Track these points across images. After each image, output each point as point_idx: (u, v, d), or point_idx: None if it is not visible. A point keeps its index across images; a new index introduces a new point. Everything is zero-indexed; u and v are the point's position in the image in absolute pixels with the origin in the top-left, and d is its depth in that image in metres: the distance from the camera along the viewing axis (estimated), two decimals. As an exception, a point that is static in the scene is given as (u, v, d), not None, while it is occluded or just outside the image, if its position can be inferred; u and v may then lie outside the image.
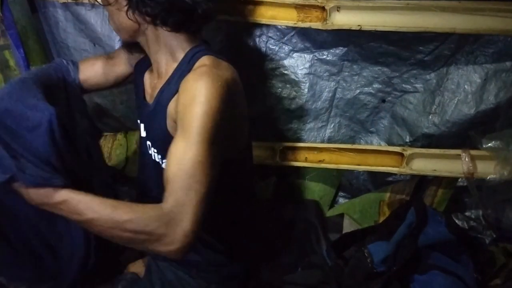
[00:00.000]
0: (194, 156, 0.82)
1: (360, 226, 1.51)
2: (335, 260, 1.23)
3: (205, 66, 0.89)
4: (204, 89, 0.83)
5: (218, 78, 0.86)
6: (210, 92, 0.83)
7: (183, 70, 0.93)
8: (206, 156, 0.83)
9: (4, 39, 1.38)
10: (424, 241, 1.15)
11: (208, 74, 0.86)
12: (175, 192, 0.80)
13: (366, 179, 1.58)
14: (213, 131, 0.84)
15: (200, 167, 0.82)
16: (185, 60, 0.94)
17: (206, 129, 0.83)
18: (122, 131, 1.57)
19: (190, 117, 0.83)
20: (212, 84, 0.84)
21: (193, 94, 0.84)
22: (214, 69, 0.88)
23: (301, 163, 1.47)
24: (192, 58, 0.93)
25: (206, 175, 0.82)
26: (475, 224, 1.58)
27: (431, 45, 1.28)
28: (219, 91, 0.84)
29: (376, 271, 1.11)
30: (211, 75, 0.85)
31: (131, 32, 0.96)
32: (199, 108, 0.83)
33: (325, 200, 1.59)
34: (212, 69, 0.88)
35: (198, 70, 0.89)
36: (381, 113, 1.46)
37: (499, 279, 1.33)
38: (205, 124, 0.83)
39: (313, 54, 1.36)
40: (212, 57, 0.92)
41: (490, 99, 1.32)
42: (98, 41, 1.38)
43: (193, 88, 0.84)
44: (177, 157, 0.83)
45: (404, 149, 1.38)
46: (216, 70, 0.88)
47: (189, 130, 0.83)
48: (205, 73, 0.86)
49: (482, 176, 1.35)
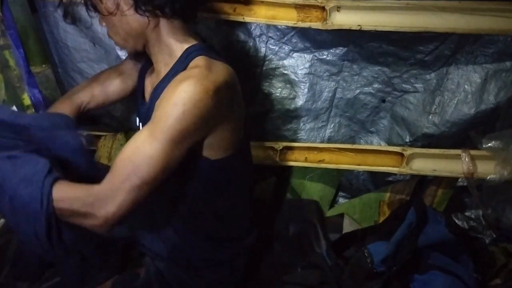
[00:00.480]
0: (148, 151, 0.84)
1: (360, 226, 1.51)
2: (335, 260, 1.23)
3: (196, 68, 0.89)
4: (184, 92, 0.83)
5: (205, 82, 0.85)
6: (188, 96, 0.83)
7: (177, 69, 0.93)
8: (161, 156, 0.84)
9: (4, 39, 1.38)
10: (424, 241, 1.15)
11: (194, 77, 0.86)
12: (112, 176, 0.85)
13: (366, 179, 1.58)
14: (179, 135, 0.84)
15: (148, 162, 0.84)
16: (181, 59, 0.94)
17: (171, 131, 0.84)
18: (122, 131, 1.57)
19: (161, 114, 0.84)
20: (194, 88, 0.84)
21: (172, 94, 0.84)
22: (205, 71, 0.88)
23: (301, 163, 1.47)
24: (187, 57, 0.93)
25: (150, 172, 0.84)
26: (475, 224, 1.58)
27: (431, 45, 1.28)
28: (199, 96, 0.84)
29: (376, 271, 1.10)
30: (197, 79, 0.85)
31: (139, 36, 0.94)
32: (173, 109, 0.83)
33: (325, 200, 1.59)
34: (201, 72, 0.87)
35: (187, 72, 0.89)
36: (381, 113, 1.46)
37: (499, 279, 1.33)
38: (173, 125, 0.83)
39: (313, 54, 1.36)
40: (206, 58, 0.92)
41: (490, 99, 1.31)
42: (98, 41, 1.38)
43: (175, 88, 0.85)
44: (133, 145, 0.85)
45: (404, 149, 1.38)
46: (206, 73, 0.87)
47: (155, 125, 0.85)
48: (192, 76, 0.86)
49: (482, 176, 1.34)
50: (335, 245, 1.30)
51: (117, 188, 0.83)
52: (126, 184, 0.83)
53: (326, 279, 1.17)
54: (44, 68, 1.46)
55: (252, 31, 1.33)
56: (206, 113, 0.85)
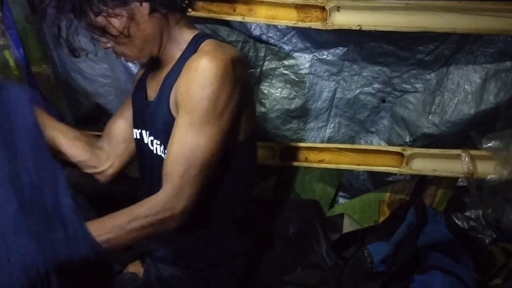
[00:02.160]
0: (195, 140, 0.85)
1: (360, 226, 1.51)
2: (335, 260, 1.23)
3: (208, 46, 0.91)
4: (206, 70, 0.84)
5: (222, 57, 0.86)
6: (213, 72, 0.84)
7: (187, 55, 0.94)
8: (208, 139, 0.86)
9: (4, 39, 1.38)
10: (424, 241, 1.15)
11: (211, 53, 0.87)
12: (171, 176, 0.87)
13: (366, 179, 1.58)
14: (217, 113, 0.86)
15: (199, 150, 0.85)
16: (190, 46, 0.95)
17: (209, 113, 0.85)
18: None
19: (192, 100, 0.85)
20: (215, 64, 0.85)
21: (196, 75, 0.85)
22: (219, 48, 0.89)
23: (301, 163, 1.47)
24: (196, 43, 0.94)
25: (204, 158, 0.86)
26: (475, 224, 1.58)
27: (431, 45, 1.28)
28: (222, 71, 0.85)
29: (376, 271, 1.10)
30: (214, 54, 0.86)
31: (156, 38, 0.93)
32: (202, 92, 0.84)
33: (325, 200, 1.59)
34: (216, 48, 0.89)
35: (202, 50, 0.90)
36: (381, 113, 1.46)
37: (499, 279, 1.33)
38: (208, 107, 0.85)
39: (313, 54, 1.36)
40: (215, 40, 0.94)
41: (490, 99, 1.31)
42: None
43: (196, 69, 0.85)
44: (178, 141, 0.86)
45: (404, 149, 1.38)
46: (220, 49, 0.89)
47: (191, 113, 0.85)
48: (208, 53, 0.87)
49: (482, 176, 1.34)
50: (335, 245, 1.30)
51: (180, 185, 0.86)
52: (186, 177, 0.86)
53: (326, 279, 1.17)
54: (44, 68, 1.46)
55: (252, 31, 1.33)
56: (231, 83, 0.87)
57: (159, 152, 0.98)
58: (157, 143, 0.98)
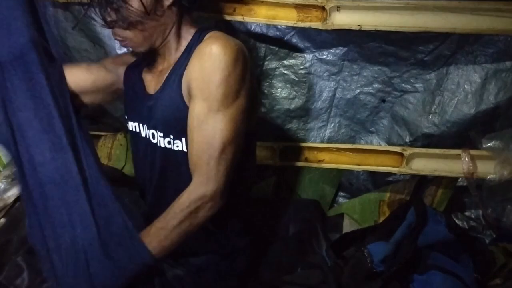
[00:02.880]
0: (215, 125, 0.86)
1: (360, 226, 1.51)
2: (334, 260, 1.23)
3: (215, 34, 0.92)
4: (222, 53, 0.85)
5: (232, 42, 0.88)
6: (227, 55, 0.85)
7: (194, 44, 0.94)
8: (229, 123, 0.87)
9: (4, 39, 1.37)
10: (424, 241, 1.15)
11: (221, 38, 0.88)
12: (197, 165, 0.89)
13: (366, 179, 1.58)
14: (234, 95, 0.87)
15: (221, 135, 0.87)
16: (195, 38, 0.96)
17: (225, 96, 0.86)
18: (122, 131, 1.57)
19: (207, 87, 0.86)
20: (228, 48, 0.86)
21: (210, 60, 0.85)
22: (225, 36, 0.91)
23: (301, 163, 1.47)
24: (201, 35, 0.96)
25: (226, 142, 0.87)
26: (475, 224, 1.58)
27: (431, 45, 1.28)
28: (235, 54, 0.86)
29: (375, 271, 1.11)
30: (225, 39, 0.88)
31: (164, 30, 0.94)
32: (215, 77, 0.85)
33: (325, 200, 1.59)
34: (222, 35, 0.91)
35: (210, 37, 0.91)
36: (381, 113, 1.46)
37: (499, 279, 1.32)
38: (224, 91, 0.86)
39: (313, 54, 1.36)
40: (220, 32, 0.95)
41: (490, 99, 1.31)
42: (98, 41, 1.38)
43: (210, 53, 0.86)
44: (198, 128, 0.87)
45: (404, 149, 1.38)
46: (226, 37, 0.90)
47: (208, 100, 0.86)
48: (218, 38, 0.88)
49: (482, 176, 1.34)
50: (335, 245, 1.30)
51: (206, 172, 0.88)
52: (212, 163, 0.88)
53: (326, 279, 1.17)
54: (44, 68, 1.45)
55: (252, 31, 1.33)
56: (244, 65, 0.88)
57: (163, 144, 0.98)
58: (160, 136, 0.98)
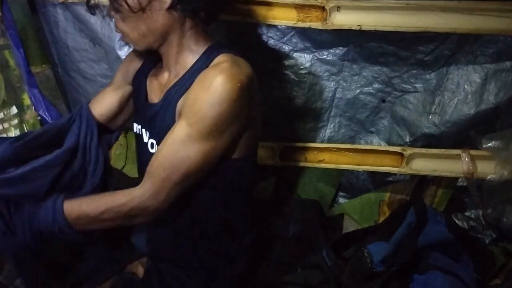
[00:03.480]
0: (187, 151, 0.86)
1: (360, 226, 1.51)
2: (335, 260, 1.23)
3: (225, 62, 0.89)
4: (221, 89, 0.83)
5: (238, 77, 0.86)
6: (226, 93, 0.83)
7: (201, 65, 0.93)
8: (199, 155, 0.86)
9: (4, 39, 1.38)
10: (424, 241, 1.15)
11: (228, 71, 0.85)
12: (153, 177, 0.89)
13: (366, 179, 1.58)
14: (217, 134, 0.86)
15: (187, 162, 0.87)
16: (204, 56, 0.94)
17: (209, 131, 0.85)
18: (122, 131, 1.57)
19: (198, 115, 0.85)
20: (231, 86, 0.84)
21: (208, 92, 0.84)
22: (235, 66, 0.88)
23: (301, 163, 1.47)
24: (211, 54, 0.93)
25: (189, 170, 0.88)
26: (475, 224, 1.58)
27: (431, 45, 1.28)
28: (236, 93, 0.84)
29: (375, 271, 1.10)
30: (231, 73, 0.85)
31: (161, 34, 0.92)
32: (210, 110, 0.84)
33: (325, 200, 1.59)
34: (232, 67, 0.87)
35: (219, 66, 0.88)
36: (381, 113, 1.46)
37: (499, 279, 1.33)
38: (210, 126, 0.85)
39: (313, 54, 1.36)
40: (231, 55, 0.92)
41: (490, 99, 1.31)
42: (98, 41, 1.38)
43: (210, 85, 0.84)
44: (170, 148, 0.87)
45: (404, 149, 1.38)
46: (236, 68, 0.87)
47: (192, 126, 0.85)
48: (225, 71, 0.86)
49: (482, 176, 1.34)
50: (335, 245, 1.30)
51: (159, 187, 0.89)
52: (167, 183, 0.89)
53: (326, 279, 1.17)
54: (44, 68, 1.46)
55: (252, 31, 1.33)
56: (242, 105, 0.87)
57: None
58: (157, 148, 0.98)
